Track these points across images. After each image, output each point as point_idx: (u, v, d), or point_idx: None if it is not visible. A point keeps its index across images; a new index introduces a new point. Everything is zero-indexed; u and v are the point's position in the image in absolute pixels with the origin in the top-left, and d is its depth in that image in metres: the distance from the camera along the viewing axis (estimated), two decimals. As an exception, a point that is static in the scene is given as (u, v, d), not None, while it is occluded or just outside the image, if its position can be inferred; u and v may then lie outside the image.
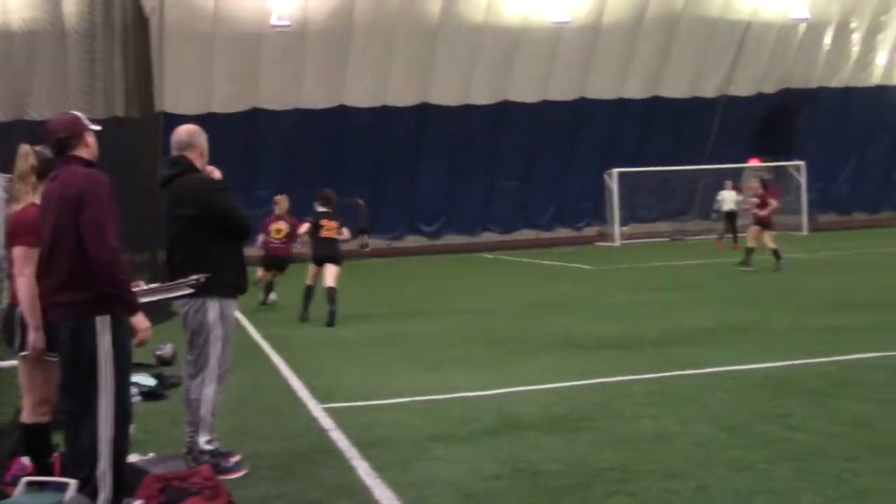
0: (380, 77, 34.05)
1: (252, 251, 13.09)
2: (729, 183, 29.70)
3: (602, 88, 36.99)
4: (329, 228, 14.87)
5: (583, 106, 37.12)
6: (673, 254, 25.83)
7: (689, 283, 18.31)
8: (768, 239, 20.76)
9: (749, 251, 20.85)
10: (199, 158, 6.55)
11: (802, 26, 38.34)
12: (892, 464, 5.79)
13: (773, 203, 21.26)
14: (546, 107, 36.63)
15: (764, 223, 20.83)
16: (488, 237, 37.09)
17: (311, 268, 15.07)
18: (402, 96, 34.69)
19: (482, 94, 35.72)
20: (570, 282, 20.54)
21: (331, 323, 14.04)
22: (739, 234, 26.84)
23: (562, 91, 36.58)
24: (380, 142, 34.77)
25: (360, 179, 32.47)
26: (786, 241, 31.09)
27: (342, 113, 34.21)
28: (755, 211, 21.10)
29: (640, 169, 34.91)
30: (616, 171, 34.41)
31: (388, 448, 6.76)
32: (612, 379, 8.88)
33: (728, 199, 28.68)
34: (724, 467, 5.89)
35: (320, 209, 15.08)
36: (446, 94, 35.14)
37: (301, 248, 17.03)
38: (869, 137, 41.69)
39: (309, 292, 15.04)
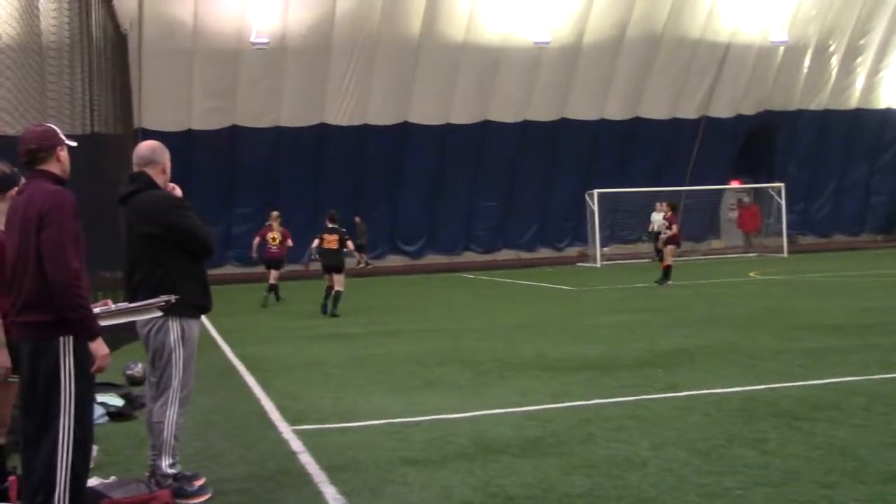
0: (360, 95, 34.03)
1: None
2: (659, 205, 29.79)
3: (583, 109, 37.10)
4: (329, 241, 18.33)
5: (564, 126, 37.20)
6: (653, 275, 25.76)
7: (668, 305, 18.24)
8: (669, 255, 23.47)
9: (668, 269, 23.50)
10: (160, 175, 6.39)
11: (781, 49, 38.59)
12: (871, 492, 5.69)
13: (674, 227, 24.08)
14: (527, 127, 36.71)
15: (674, 241, 23.84)
16: (469, 257, 37.06)
17: (326, 276, 18.73)
18: (382, 115, 34.69)
19: (463, 114, 35.75)
20: (550, 303, 20.46)
21: (334, 314, 18.03)
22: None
23: (543, 111, 36.67)
24: (360, 160, 34.73)
25: (340, 198, 32.44)
26: (766, 263, 31.19)
27: (322, 131, 34.16)
28: (666, 231, 23.99)
29: (621, 190, 34.94)
30: (597, 191, 34.44)
31: (358, 472, 6.63)
32: (587, 402, 8.77)
33: (658, 220, 28.81)
34: (695, 494, 5.78)
35: (328, 225, 18.56)
36: (427, 114, 35.16)
37: (307, 260, 20.67)
38: (847, 160, 41.94)
39: (328, 291, 18.52)
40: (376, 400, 9.35)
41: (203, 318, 6.95)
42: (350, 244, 19.16)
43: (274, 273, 21.65)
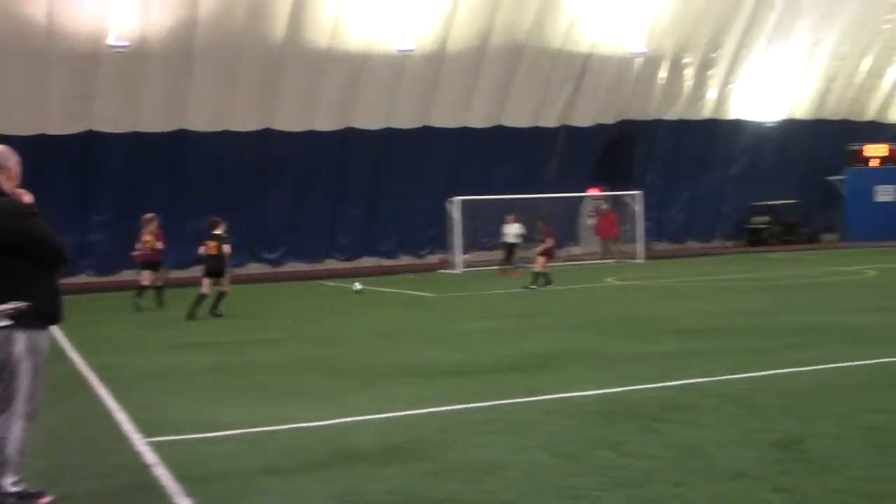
0: (222, 101, 33.47)
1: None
2: (510, 217, 30.31)
3: (446, 117, 37.31)
4: (210, 247, 19.34)
5: (427, 134, 37.34)
6: (514, 281, 26.11)
7: (529, 311, 18.46)
8: (541, 264, 24.45)
9: (537, 276, 24.31)
10: (7, 181, 6.10)
11: (639, 60, 39.55)
12: (719, 489, 5.85)
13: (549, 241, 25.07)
14: (390, 134, 36.71)
15: (548, 253, 24.72)
16: (331, 264, 36.82)
17: (204, 280, 19.51)
18: (245, 121, 34.21)
19: (326, 121, 35.54)
20: (412, 309, 20.48)
21: (218, 314, 19.15)
22: (519, 265, 29.38)
23: (406, 119, 36.75)
24: (222, 167, 34.16)
25: (200, 205, 31.82)
26: (623, 268, 31.90)
27: (181, 137, 33.49)
28: (542, 244, 25.00)
29: (481, 197, 35.22)
30: (458, 199, 34.65)
31: (215, 483, 6.49)
32: (449, 407, 8.79)
33: (510, 232, 29.10)
34: (555, 496, 5.84)
35: (212, 232, 19.48)
36: (290, 120, 34.82)
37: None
38: (701, 169, 43.30)
39: (199, 299, 19.07)
40: (236, 409, 9.18)
41: (55, 328, 6.68)
42: (227, 248, 19.62)
43: (147, 274, 22.05)
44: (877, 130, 46.14)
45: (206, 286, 19.46)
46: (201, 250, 19.82)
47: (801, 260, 25.18)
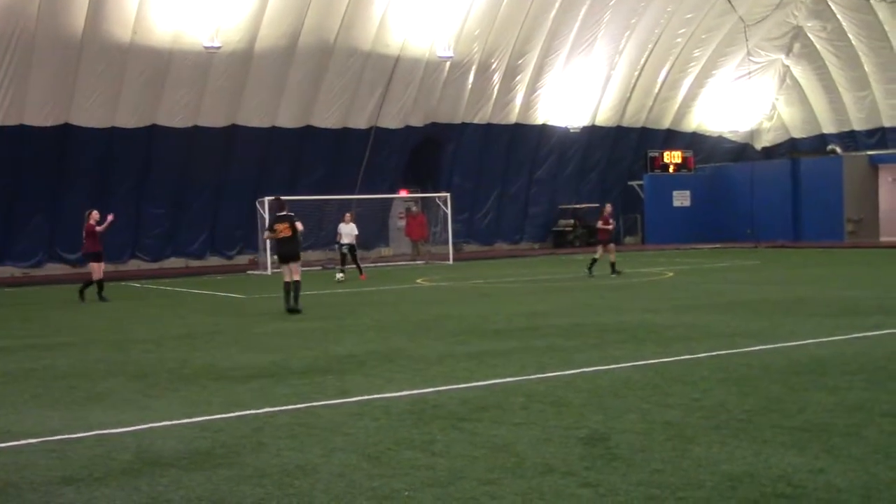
0: (15, 95, 32.00)
1: None
2: (347, 215, 29.76)
3: (254, 116, 36.84)
4: (281, 230, 18.28)
5: (235, 133, 36.79)
6: (323, 283, 25.99)
7: (338, 312, 18.42)
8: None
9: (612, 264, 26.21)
10: None
11: (447, 64, 40.07)
12: (529, 485, 5.97)
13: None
14: (197, 133, 35.96)
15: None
16: (136, 265, 35.82)
17: (284, 268, 18.51)
18: (40, 116, 32.83)
19: (129, 118, 34.51)
20: (220, 311, 20.09)
21: (298, 309, 18.00)
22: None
23: (213, 117, 36.09)
24: (17, 162, 32.71)
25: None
26: (433, 270, 32.24)
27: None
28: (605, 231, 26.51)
29: (292, 198, 34.87)
30: (267, 199, 34.23)
31: (10, 496, 6.17)
32: (258, 411, 8.66)
33: (347, 232, 28.77)
34: (365, 497, 5.84)
35: (279, 213, 18.70)
36: (90, 116, 33.60)
37: None
38: (508, 173, 44.29)
39: (288, 288, 18.21)
40: (32, 417, 8.77)
41: None
42: (300, 227, 18.73)
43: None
44: (673, 138, 48.37)
45: (288, 273, 18.27)
46: (267, 235, 19.21)
47: (604, 262, 26.06)
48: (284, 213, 18.69)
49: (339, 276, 27.07)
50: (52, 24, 31.49)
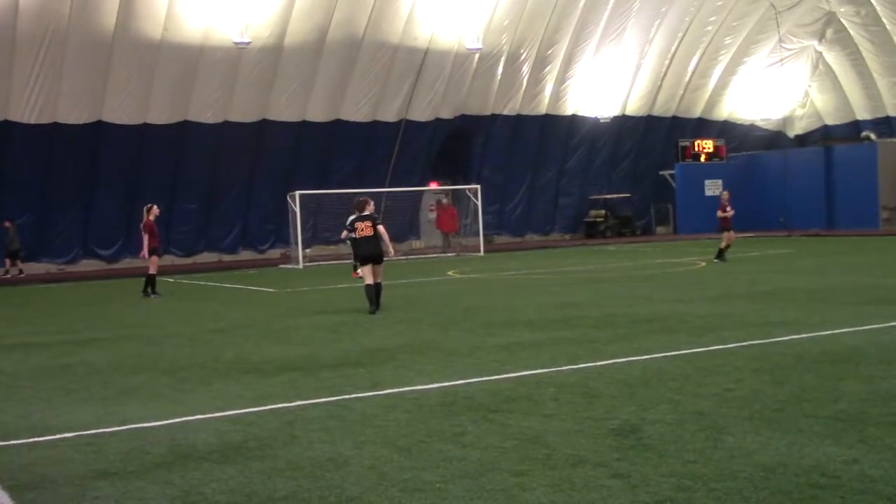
0: (49, 92, 32.26)
1: None
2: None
3: (284, 111, 36.96)
4: (363, 229, 16.99)
5: (265, 128, 36.92)
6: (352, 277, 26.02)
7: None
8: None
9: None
10: None
11: (476, 56, 40.00)
12: (559, 476, 5.95)
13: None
14: (228, 128, 36.12)
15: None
16: (169, 260, 36.03)
17: (364, 270, 17.45)
18: (73, 113, 33.08)
19: (161, 114, 34.72)
20: (252, 305, 20.20)
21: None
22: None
23: (244, 112, 36.23)
24: (50, 159, 32.98)
25: (24, 200, 30.78)
26: (464, 262, 32.23)
27: (5, 129, 32.16)
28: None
29: (322, 192, 35.05)
30: (298, 193, 34.37)
31: (46, 490, 6.22)
32: (290, 404, 8.69)
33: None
34: (397, 489, 5.84)
35: (362, 213, 17.26)
36: (122, 113, 33.85)
37: None
38: (538, 164, 44.15)
39: (370, 291, 16.89)
40: (68, 412, 8.85)
41: None
42: (382, 229, 17.36)
43: None
44: (704, 127, 48.06)
45: (371, 274, 16.92)
46: (344, 235, 18.21)
47: (636, 252, 25.93)
48: (367, 212, 17.37)
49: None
50: (84, 22, 31.74)
